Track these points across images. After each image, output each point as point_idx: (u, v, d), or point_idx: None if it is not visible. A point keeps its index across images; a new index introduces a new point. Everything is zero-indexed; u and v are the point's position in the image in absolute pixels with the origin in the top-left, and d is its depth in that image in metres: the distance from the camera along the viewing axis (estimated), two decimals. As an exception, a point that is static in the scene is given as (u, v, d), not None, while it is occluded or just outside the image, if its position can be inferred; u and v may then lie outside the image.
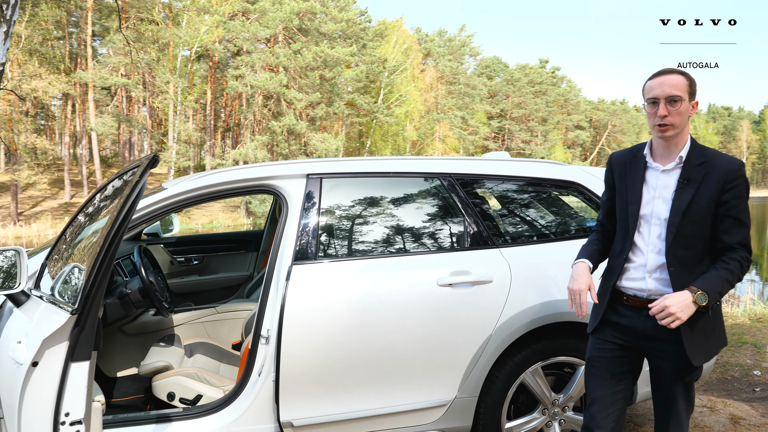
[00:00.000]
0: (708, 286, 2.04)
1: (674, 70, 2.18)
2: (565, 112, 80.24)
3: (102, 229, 1.91)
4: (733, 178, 2.09)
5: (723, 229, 2.12)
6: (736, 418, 3.86)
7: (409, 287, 2.80)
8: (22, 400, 1.82)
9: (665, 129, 2.13)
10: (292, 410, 2.67)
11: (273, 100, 38.70)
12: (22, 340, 1.97)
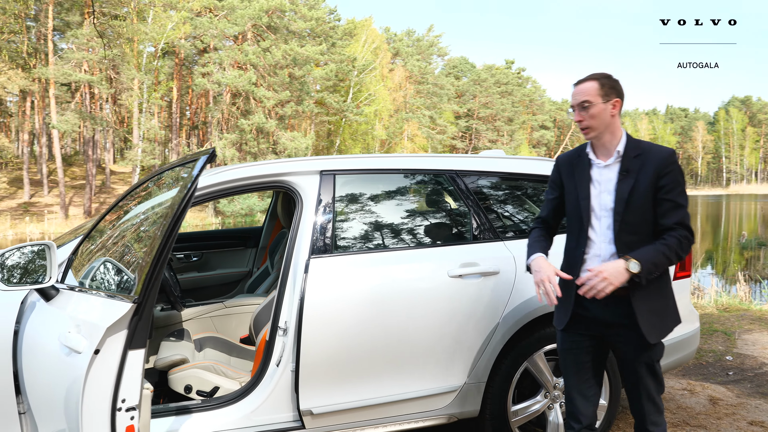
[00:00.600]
0: (642, 256, 2.19)
1: (589, 77, 2.37)
2: (531, 112, 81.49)
3: (160, 223, 1.99)
4: (666, 165, 2.26)
5: (662, 213, 2.27)
6: (714, 399, 4.11)
7: (421, 279, 2.93)
8: (85, 387, 1.88)
9: (585, 131, 2.35)
10: (312, 399, 2.77)
11: (242, 98, 38.38)
12: (72, 330, 2.03)
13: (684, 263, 3.47)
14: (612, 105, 2.31)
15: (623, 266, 2.18)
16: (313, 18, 40.06)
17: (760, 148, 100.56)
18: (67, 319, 2.14)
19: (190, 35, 38.25)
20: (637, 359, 2.35)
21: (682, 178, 2.30)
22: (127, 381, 1.91)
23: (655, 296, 2.31)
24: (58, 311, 2.29)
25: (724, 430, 3.61)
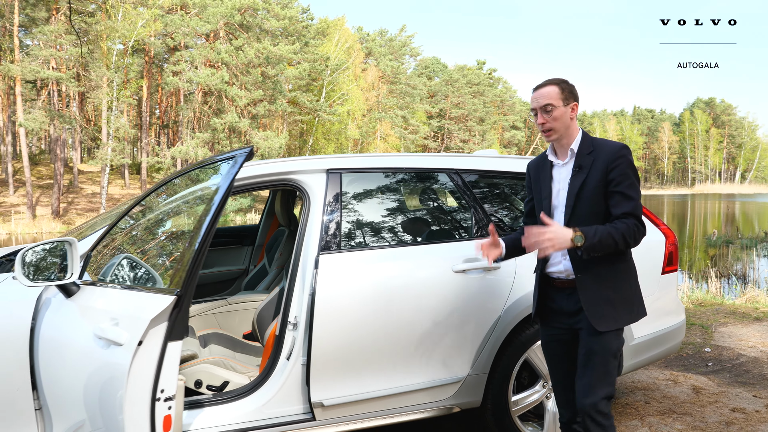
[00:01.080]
0: (588, 231, 2.27)
1: (549, 81, 2.47)
2: (502, 113, 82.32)
3: (199, 219, 2.04)
4: (615, 159, 2.36)
5: (612, 204, 2.38)
6: (697, 389, 4.29)
7: (426, 274, 3.02)
8: (129, 378, 1.92)
9: (548, 134, 2.45)
10: (323, 391, 2.84)
11: (214, 97, 38.03)
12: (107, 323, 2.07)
13: (672, 258, 3.63)
14: (571, 108, 2.44)
15: (569, 235, 2.25)
16: (286, 17, 39.91)
17: (724, 149, 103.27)
18: (100, 314, 2.18)
19: (161, 33, 37.77)
20: (588, 346, 2.39)
21: (631, 171, 2.39)
22: (166, 372, 1.96)
23: (607, 286, 2.39)
24: (85, 306, 2.32)
25: (709, 416, 3.78)
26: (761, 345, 5.39)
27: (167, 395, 1.97)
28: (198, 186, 2.52)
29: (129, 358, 1.92)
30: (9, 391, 2.43)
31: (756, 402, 4.02)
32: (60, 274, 2.30)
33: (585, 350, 2.41)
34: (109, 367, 2.01)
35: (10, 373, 2.43)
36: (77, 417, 2.35)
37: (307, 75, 42.27)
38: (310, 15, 47.16)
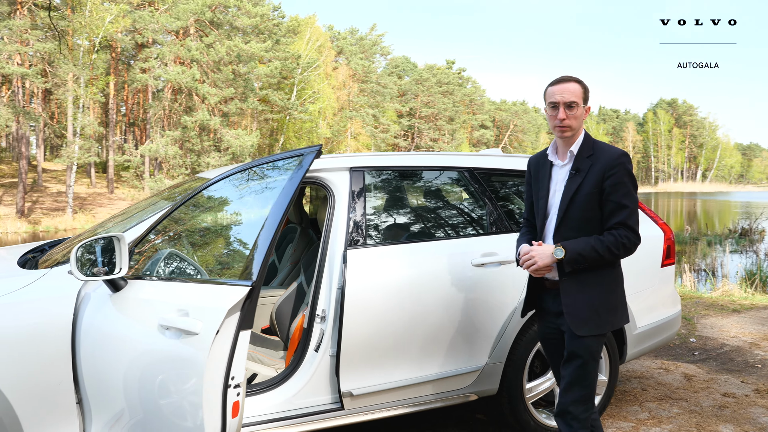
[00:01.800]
0: (570, 245, 2.33)
1: (571, 78, 2.46)
2: (471, 112, 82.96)
3: (269, 214, 2.12)
4: (612, 166, 2.36)
5: (607, 212, 2.38)
6: (688, 376, 4.52)
7: (447, 267, 3.15)
8: (207, 366, 2.00)
9: (564, 130, 2.44)
10: (352, 381, 2.95)
11: (184, 95, 37.55)
12: (173, 314, 2.14)
13: (669, 252, 3.83)
14: (586, 110, 2.49)
15: (550, 251, 2.35)
16: (257, 14, 39.62)
17: (685, 148, 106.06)
18: (162, 306, 2.24)
19: (129, 29, 37.10)
20: (569, 348, 2.44)
21: (629, 179, 2.39)
22: (237, 360, 2.04)
23: (592, 291, 2.40)
24: (140, 299, 2.38)
25: (702, 401, 4.00)
26: (742, 335, 5.67)
27: (236, 382, 2.06)
28: (263, 182, 2.60)
29: (206, 347, 2.00)
30: (51, 385, 2.48)
31: (744, 387, 4.26)
32: (108, 269, 2.36)
33: (567, 351, 2.46)
34: (180, 356, 2.08)
35: (52, 367, 2.47)
36: (120, 407, 2.42)
37: (278, 73, 42.05)
38: (281, 13, 46.93)
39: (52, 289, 2.55)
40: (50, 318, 2.49)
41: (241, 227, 2.54)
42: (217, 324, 2.02)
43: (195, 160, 38.42)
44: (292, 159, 2.42)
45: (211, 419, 2.01)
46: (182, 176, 37.24)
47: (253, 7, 39.45)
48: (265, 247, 2.07)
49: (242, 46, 37.12)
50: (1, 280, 2.60)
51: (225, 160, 37.92)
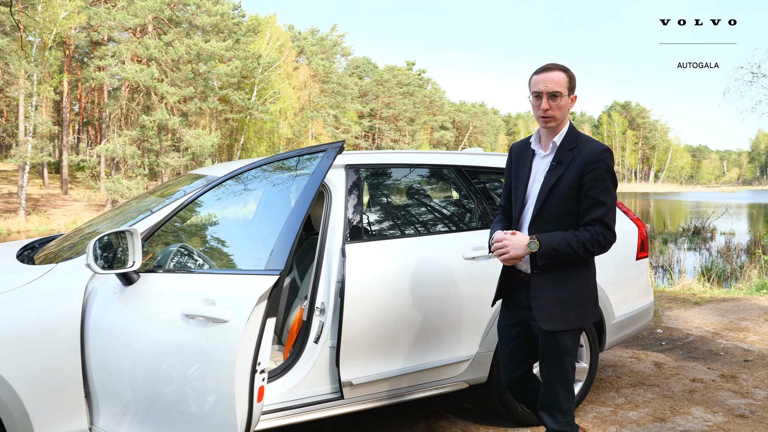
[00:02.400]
0: (545, 239, 2.28)
1: (556, 66, 2.39)
2: (431, 113, 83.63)
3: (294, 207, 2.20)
4: (593, 161, 2.32)
5: (584, 208, 2.34)
6: (658, 364, 4.76)
7: (440, 261, 3.28)
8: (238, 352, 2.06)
9: (548, 120, 2.38)
10: (351, 371, 3.04)
11: (142, 94, 36.81)
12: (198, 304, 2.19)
13: (643, 246, 4.05)
14: (572, 100, 2.41)
15: (525, 242, 2.30)
16: (218, 13, 39.14)
17: (639, 150, 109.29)
18: (184, 296, 2.29)
19: (84, 26, 36.18)
20: (542, 343, 2.47)
21: (608, 176, 2.34)
22: (264, 346, 2.11)
23: (561, 286, 2.39)
24: (157, 291, 2.43)
25: (673, 386, 4.23)
26: (705, 325, 5.98)
27: (262, 368, 2.13)
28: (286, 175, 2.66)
29: (237, 334, 2.06)
30: (60, 380, 2.50)
31: (711, 373, 4.51)
32: (120, 263, 2.40)
33: (542, 348, 2.49)
34: (208, 343, 2.14)
35: (61, 362, 2.49)
36: (135, 397, 2.46)
37: (239, 73, 41.63)
38: (241, 12, 46.45)
39: (59, 284, 2.56)
40: (59, 313, 2.50)
41: (265, 219, 2.61)
42: (247, 312, 2.09)
43: (154, 161, 37.72)
44: (316, 154, 2.50)
45: (240, 404, 2.08)
46: (140, 176, 36.52)
47: (213, 6, 38.96)
48: (291, 239, 2.15)
49: (202, 45, 36.63)
50: (8, 276, 2.61)
51: (185, 161, 37.36)
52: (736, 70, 18.74)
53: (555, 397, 2.49)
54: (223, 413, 2.10)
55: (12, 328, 2.42)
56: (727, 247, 14.45)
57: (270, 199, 2.83)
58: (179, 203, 2.68)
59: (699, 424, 3.59)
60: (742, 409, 3.81)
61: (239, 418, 2.10)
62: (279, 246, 2.21)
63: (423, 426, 3.60)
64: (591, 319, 2.48)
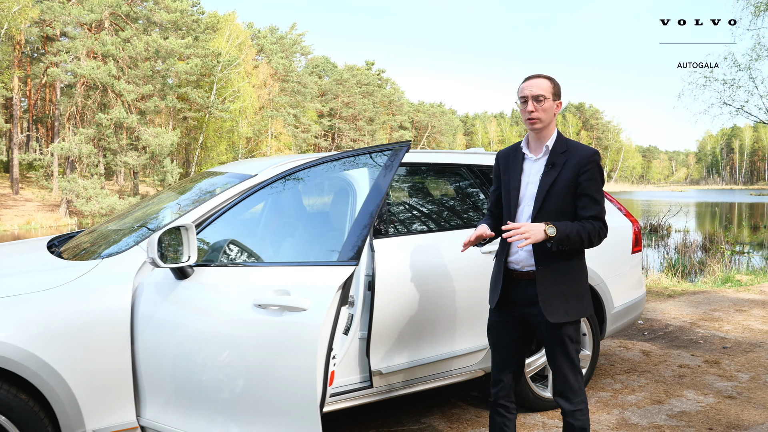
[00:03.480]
0: (560, 225, 2.43)
1: (542, 75, 2.61)
2: (390, 113, 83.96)
3: (365, 202, 2.31)
4: (587, 163, 2.52)
5: (581, 206, 2.53)
6: (646, 352, 5.04)
7: (460, 255, 3.44)
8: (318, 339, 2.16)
9: (534, 122, 2.55)
10: (381, 361, 3.18)
11: (98, 91, 35.86)
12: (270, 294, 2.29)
13: (638, 240, 4.30)
14: (557, 105, 2.59)
15: (543, 227, 2.41)
16: (177, 10, 38.46)
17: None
18: (253, 287, 2.38)
19: (36, 21, 35.04)
20: (548, 336, 2.59)
21: (600, 176, 2.56)
22: (337, 333, 2.23)
23: (563, 280, 2.55)
24: (218, 283, 2.52)
25: (663, 372, 4.50)
26: (681, 316, 6.33)
27: (334, 353, 2.24)
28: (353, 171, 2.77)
29: (317, 321, 2.17)
30: (111, 372, 2.55)
31: (695, 359, 4.82)
32: (175, 257, 2.47)
33: (546, 340, 2.61)
34: (285, 331, 2.24)
35: (112, 355, 2.55)
36: (185, 388, 2.54)
37: (198, 71, 41.00)
38: (200, 9, 45.73)
39: (107, 279, 2.61)
40: (109, 307, 2.56)
41: (330, 214, 2.72)
42: (327, 301, 2.20)
43: (111, 159, 36.86)
44: (384, 152, 2.62)
45: (318, 387, 2.19)
46: (96, 176, 35.60)
47: (172, 2, 38.28)
48: (365, 232, 2.28)
49: (161, 42, 35.95)
50: (54, 271, 2.64)
51: (143, 160, 36.61)
52: (690, 74, 19.49)
53: (566, 381, 2.64)
54: (304, 397, 2.21)
55: (64, 323, 2.47)
56: (684, 244, 15.08)
57: (337, 195, 2.94)
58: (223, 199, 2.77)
59: (693, 405, 3.85)
60: (729, 391, 4.10)
61: (319, 402, 2.22)
62: (352, 239, 2.33)
63: (438, 414, 3.76)
64: (588, 311, 2.66)
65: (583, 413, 2.67)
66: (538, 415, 3.72)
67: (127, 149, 36.91)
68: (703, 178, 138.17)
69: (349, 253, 2.31)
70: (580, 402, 2.67)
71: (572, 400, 2.66)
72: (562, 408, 2.71)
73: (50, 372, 2.42)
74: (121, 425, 2.60)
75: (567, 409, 2.68)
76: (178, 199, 3.45)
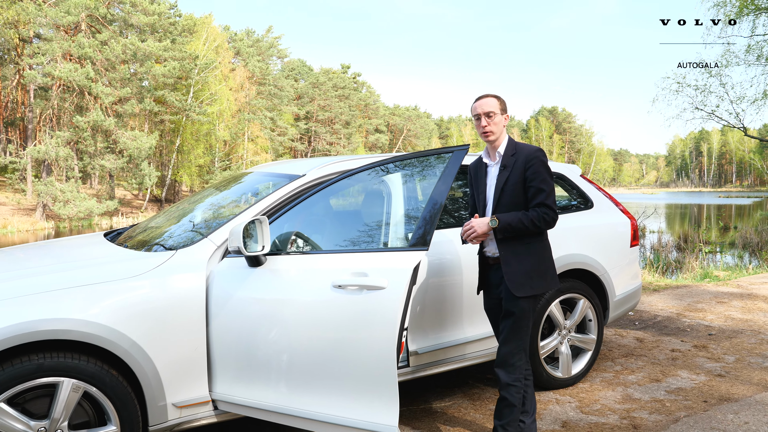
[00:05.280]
0: (502, 217, 2.91)
1: (489, 95, 3.07)
2: (366, 116, 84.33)
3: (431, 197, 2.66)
4: (530, 159, 2.97)
5: (530, 196, 2.96)
6: (639, 339, 5.47)
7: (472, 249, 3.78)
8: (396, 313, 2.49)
9: (488, 135, 3.03)
10: (416, 342, 3.52)
11: (75, 94, 35.55)
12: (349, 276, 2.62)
13: (635, 235, 4.71)
14: (505, 117, 3.07)
15: (487, 220, 2.93)
16: (155, 12, 38.32)
17: (565, 153, 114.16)
18: (331, 271, 2.70)
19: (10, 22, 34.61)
20: (505, 307, 3.00)
21: (544, 169, 2.97)
22: (407, 310, 2.56)
23: (525, 260, 2.97)
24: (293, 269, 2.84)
25: (658, 355, 4.93)
26: (668, 308, 6.79)
27: (405, 326, 2.58)
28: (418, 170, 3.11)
29: (396, 298, 2.50)
30: (189, 350, 2.86)
31: (685, 344, 5.25)
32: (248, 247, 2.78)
33: (504, 310, 3.03)
34: (364, 307, 2.56)
35: (191, 334, 2.86)
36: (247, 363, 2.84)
37: (176, 74, 40.86)
38: (177, 11, 45.55)
39: (184, 267, 2.91)
40: (187, 292, 2.86)
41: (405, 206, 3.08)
42: (404, 280, 2.53)
43: (88, 162, 36.53)
44: (445, 154, 2.96)
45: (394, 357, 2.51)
46: (74, 179, 35.26)
47: (150, 5, 38.11)
48: (433, 222, 2.62)
49: (139, 45, 35.81)
50: (135, 261, 2.93)
51: (121, 163, 36.37)
52: (663, 80, 20.27)
53: (510, 354, 2.99)
54: (384, 363, 2.52)
55: (149, 306, 2.77)
56: (660, 244, 15.71)
57: (407, 190, 3.27)
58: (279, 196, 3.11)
59: (687, 382, 4.27)
60: (718, 370, 4.53)
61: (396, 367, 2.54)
62: (422, 228, 2.67)
63: (459, 393, 4.11)
64: (552, 286, 3.07)
65: (518, 390, 3.00)
66: (551, 393, 4.09)
67: (105, 152, 36.63)
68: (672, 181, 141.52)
69: (418, 240, 2.66)
70: (517, 379, 2.99)
71: (511, 373, 2.98)
72: (499, 379, 3.03)
73: (138, 350, 2.71)
74: (196, 399, 2.91)
75: (503, 381, 3.00)
76: (228, 197, 3.76)
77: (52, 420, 2.57)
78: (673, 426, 3.53)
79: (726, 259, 13.38)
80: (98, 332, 2.62)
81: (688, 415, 3.69)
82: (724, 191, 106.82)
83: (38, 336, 2.49)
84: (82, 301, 2.64)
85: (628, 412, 3.77)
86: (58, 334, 2.53)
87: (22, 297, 2.57)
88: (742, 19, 17.17)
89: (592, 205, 4.54)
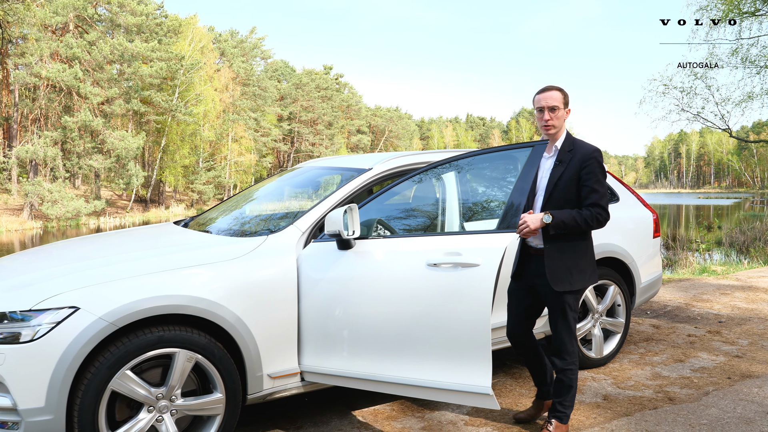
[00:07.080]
0: (556, 214, 2.93)
1: (553, 87, 3.07)
2: (348, 117, 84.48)
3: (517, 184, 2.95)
4: (587, 159, 2.99)
5: (583, 195, 2.98)
6: (655, 326, 5.84)
7: None
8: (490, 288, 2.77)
9: (549, 128, 3.06)
10: None
11: (62, 94, 35.31)
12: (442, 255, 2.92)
13: (657, 227, 5.08)
14: (567, 111, 3.10)
15: (540, 216, 2.96)
16: (143, 13, 38.19)
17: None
18: (423, 252, 2.97)
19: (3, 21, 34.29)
20: (552, 303, 3.10)
21: (599, 170, 3.01)
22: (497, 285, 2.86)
23: (568, 256, 3.04)
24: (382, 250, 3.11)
25: (675, 340, 5.29)
26: (675, 299, 7.19)
27: None
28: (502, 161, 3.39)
29: (490, 273, 2.78)
30: (282, 324, 3.13)
31: (699, 330, 5.64)
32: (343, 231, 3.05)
33: (550, 306, 3.13)
34: (459, 282, 2.83)
35: (284, 310, 3.14)
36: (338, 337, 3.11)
37: (162, 74, 40.74)
38: (163, 12, 45.38)
39: (276, 250, 3.20)
40: (281, 271, 3.15)
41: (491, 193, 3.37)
42: (497, 258, 2.81)
43: (76, 162, 36.27)
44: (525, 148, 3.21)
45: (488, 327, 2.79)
46: (62, 179, 34.99)
47: (137, 5, 37.97)
48: (520, 208, 2.91)
49: (127, 45, 35.69)
50: (230, 246, 3.20)
51: (109, 163, 36.18)
52: (650, 82, 20.84)
53: (563, 343, 3.16)
54: (479, 333, 2.79)
55: (249, 285, 3.05)
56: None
57: (492, 180, 3.56)
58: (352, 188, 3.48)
59: (709, 362, 4.64)
60: (735, 352, 4.91)
61: None
62: (510, 212, 2.96)
63: (501, 373, 4.43)
64: (591, 282, 3.17)
65: (573, 372, 3.17)
66: (586, 372, 4.43)
67: (92, 152, 36.41)
68: (651, 182, 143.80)
69: (507, 223, 2.94)
70: (571, 363, 3.17)
71: (566, 359, 3.17)
72: (555, 366, 3.21)
73: (242, 324, 2.99)
74: (288, 371, 3.19)
75: (560, 367, 3.19)
76: (293, 190, 4.03)
77: (169, 387, 2.83)
78: (704, 398, 3.89)
79: (715, 257, 13.90)
80: (210, 308, 2.89)
81: (716, 389, 4.05)
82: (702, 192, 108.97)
83: (165, 310, 2.76)
84: (197, 279, 2.91)
85: (660, 387, 4.11)
86: (179, 309, 2.80)
87: (152, 274, 2.84)
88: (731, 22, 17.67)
89: (618, 198, 4.88)
